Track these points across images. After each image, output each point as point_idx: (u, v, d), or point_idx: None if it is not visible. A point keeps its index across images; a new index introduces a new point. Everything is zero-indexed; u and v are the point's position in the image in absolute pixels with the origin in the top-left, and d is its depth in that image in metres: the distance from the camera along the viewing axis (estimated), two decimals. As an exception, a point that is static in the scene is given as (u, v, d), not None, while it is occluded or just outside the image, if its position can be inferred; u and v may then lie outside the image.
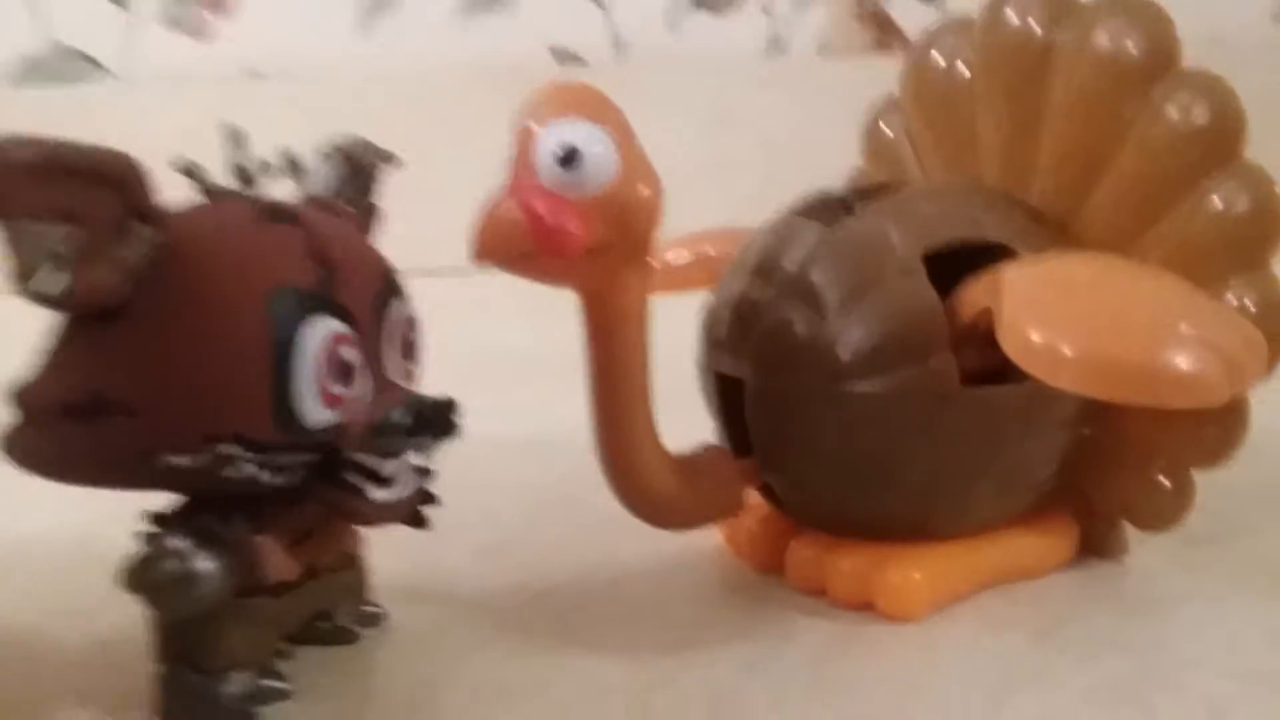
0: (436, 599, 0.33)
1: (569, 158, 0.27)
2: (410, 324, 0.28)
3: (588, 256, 0.27)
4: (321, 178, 0.30)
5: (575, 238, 0.27)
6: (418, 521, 0.29)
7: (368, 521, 0.27)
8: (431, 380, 0.29)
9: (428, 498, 0.29)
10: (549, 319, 0.29)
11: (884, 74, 0.39)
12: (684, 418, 0.32)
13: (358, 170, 0.31)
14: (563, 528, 0.38)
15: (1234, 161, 0.30)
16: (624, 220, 0.27)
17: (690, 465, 0.31)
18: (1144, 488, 0.31)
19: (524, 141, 0.27)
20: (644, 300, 0.29)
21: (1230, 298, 0.30)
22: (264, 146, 0.29)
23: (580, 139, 0.27)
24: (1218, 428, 0.30)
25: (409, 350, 0.28)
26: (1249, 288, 0.30)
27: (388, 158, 0.31)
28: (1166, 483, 0.31)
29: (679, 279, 0.41)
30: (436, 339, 0.31)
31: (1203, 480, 0.31)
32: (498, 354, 0.69)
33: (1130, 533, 0.33)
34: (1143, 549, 0.33)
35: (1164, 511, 0.31)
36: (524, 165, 0.27)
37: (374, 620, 0.31)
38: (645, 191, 0.27)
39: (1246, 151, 0.30)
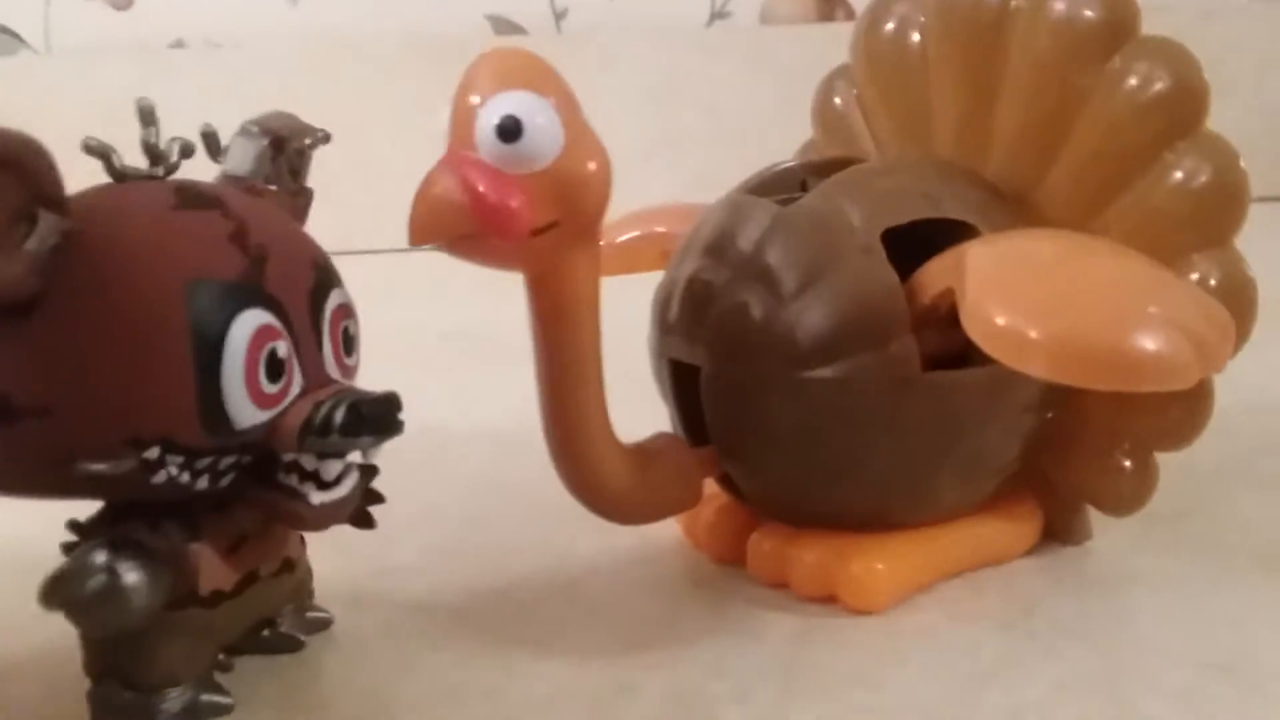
0: (383, 602, 0.32)
1: (511, 130, 0.25)
2: (347, 314, 0.26)
3: (533, 237, 0.26)
4: (244, 157, 0.27)
5: (519, 216, 0.25)
6: (364, 522, 0.27)
7: (308, 526, 0.26)
8: (372, 367, 0.28)
9: (374, 497, 0.27)
10: (497, 297, 0.27)
11: (833, 42, 0.38)
12: (637, 406, 0.31)
13: (284, 149, 0.28)
14: (516, 523, 0.37)
15: (1196, 132, 0.30)
16: (571, 197, 0.26)
17: (645, 456, 0.30)
18: (1107, 471, 0.31)
19: (462, 114, 0.26)
20: (594, 282, 0.28)
21: (1194, 275, 0.29)
22: (185, 123, 0.27)
23: (522, 110, 0.25)
24: (1182, 409, 0.29)
25: (347, 343, 0.26)
26: (1212, 264, 0.29)
27: (318, 135, 0.29)
28: (1130, 466, 0.31)
29: (629, 259, 0.39)
30: (375, 323, 0.30)
31: (1164, 457, 0.31)
32: (443, 336, 0.66)
33: (1093, 514, 0.32)
34: (1106, 530, 0.33)
35: (1128, 495, 0.31)
36: (463, 139, 0.26)
37: (320, 626, 0.30)
38: (592, 166, 0.26)
39: (1209, 121, 0.30)
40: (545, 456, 0.29)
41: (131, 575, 0.23)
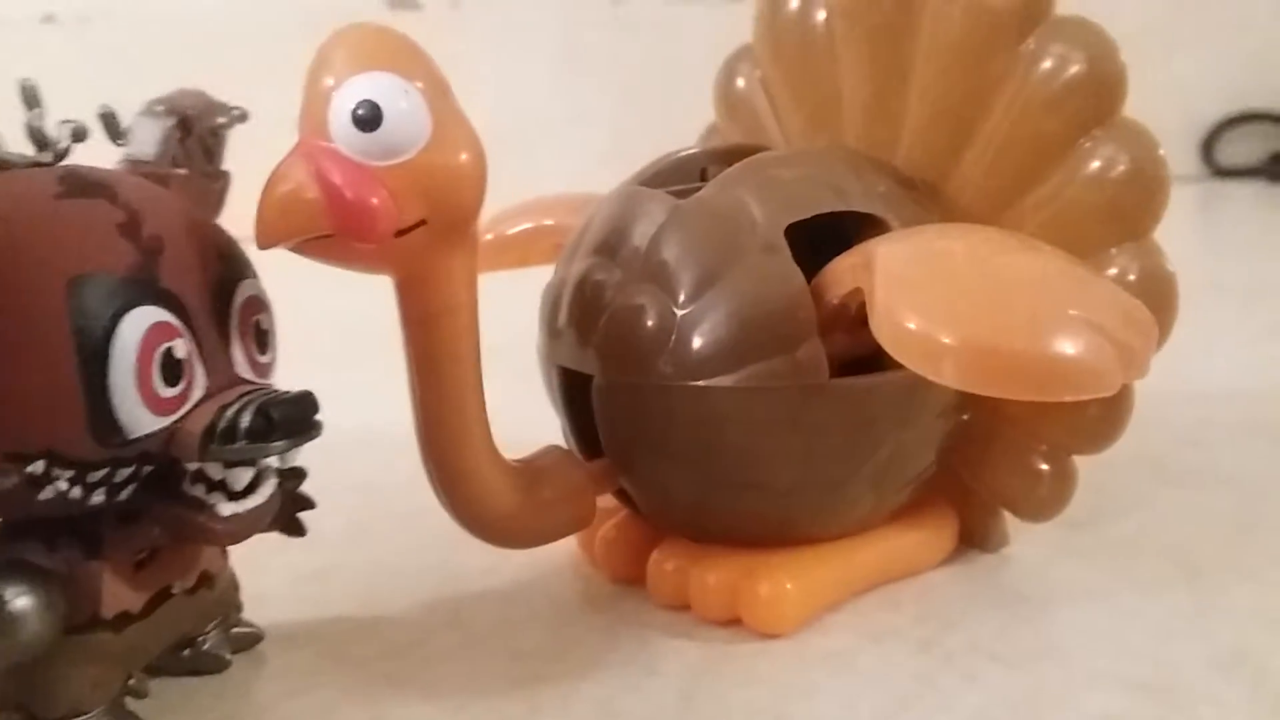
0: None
1: (369, 118, 0.22)
2: (260, 308, 0.24)
3: (398, 237, 0.23)
4: (148, 139, 0.25)
5: (380, 215, 0.22)
6: (293, 529, 0.26)
7: (219, 540, 0.24)
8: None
9: (303, 502, 0.25)
10: (375, 283, 0.25)
11: (744, 21, 0.36)
12: (524, 417, 0.29)
13: (193, 129, 0.26)
14: (397, 544, 0.34)
15: (1113, 119, 0.28)
16: (439, 193, 0.23)
17: (532, 473, 0.27)
18: (1024, 475, 0.29)
19: (315, 98, 0.23)
20: (470, 285, 0.25)
21: (1111, 270, 0.28)
22: (64, 104, 0.23)
23: (383, 95, 0.22)
24: (1101, 410, 0.28)
25: (260, 339, 0.24)
26: (1131, 258, 0.28)
27: (232, 113, 0.27)
28: (1048, 469, 0.29)
29: (519, 252, 0.37)
30: None
31: (1081, 457, 0.29)
32: (313, 330, 0.62)
33: (1010, 519, 0.31)
34: (1023, 537, 0.31)
35: (1046, 500, 0.29)
36: (316, 127, 0.23)
37: (249, 642, 0.28)
38: (464, 157, 0.23)
39: (1126, 108, 0.28)
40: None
41: (20, 601, 0.21)
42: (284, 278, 0.27)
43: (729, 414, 0.26)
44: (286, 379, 0.24)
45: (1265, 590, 0.29)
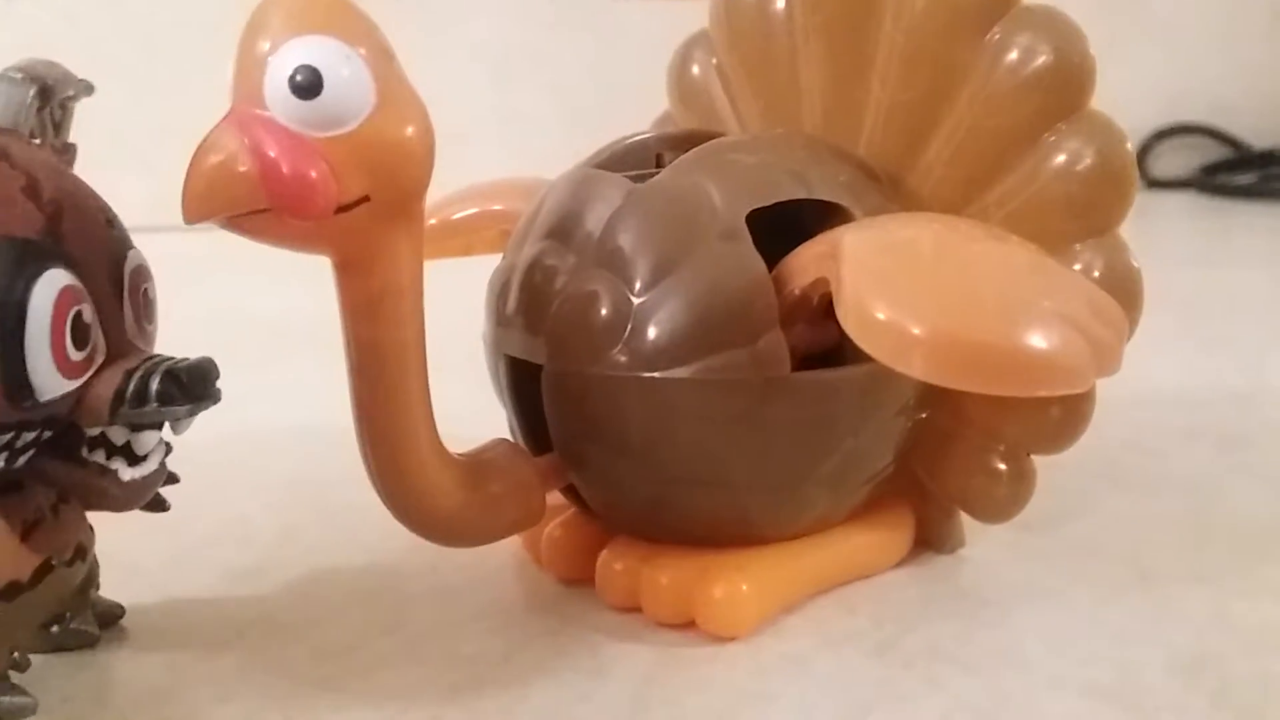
0: (172, 638, 0.27)
1: (309, 85, 0.21)
2: (146, 276, 0.24)
3: (338, 214, 0.21)
4: (4, 107, 0.23)
5: (320, 189, 0.21)
6: (157, 505, 0.25)
7: (117, 505, 0.23)
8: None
9: (168, 477, 0.24)
10: (311, 274, 0.23)
11: (692, 8, 0.35)
12: (469, 409, 0.27)
13: (50, 99, 0.24)
14: (331, 542, 0.32)
15: (1079, 113, 0.27)
16: (383, 167, 0.22)
17: (477, 468, 0.26)
18: (982, 476, 0.28)
19: (249, 63, 0.21)
20: (415, 268, 0.23)
21: (1076, 265, 0.27)
22: None
23: (323, 60, 0.21)
24: (1062, 410, 0.27)
25: (147, 307, 0.24)
26: (1096, 254, 0.27)
27: (80, 86, 0.25)
28: (1006, 469, 0.28)
29: (464, 239, 0.35)
30: (173, 309, 0.26)
31: (1038, 458, 0.29)
32: (247, 321, 0.60)
33: (967, 520, 0.30)
34: (978, 539, 0.30)
35: (1003, 501, 0.29)
36: (250, 94, 0.21)
37: (112, 618, 0.27)
38: (410, 130, 0.22)
39: (1094, 100, 0.27)
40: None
41: None
42: (211, 272, 0.26)
43: (685, 407, 0.25)
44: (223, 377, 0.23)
45: (1220, 595, 0.28)
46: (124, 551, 0.27)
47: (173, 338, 0.25)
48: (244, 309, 0.64)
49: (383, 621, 0.28)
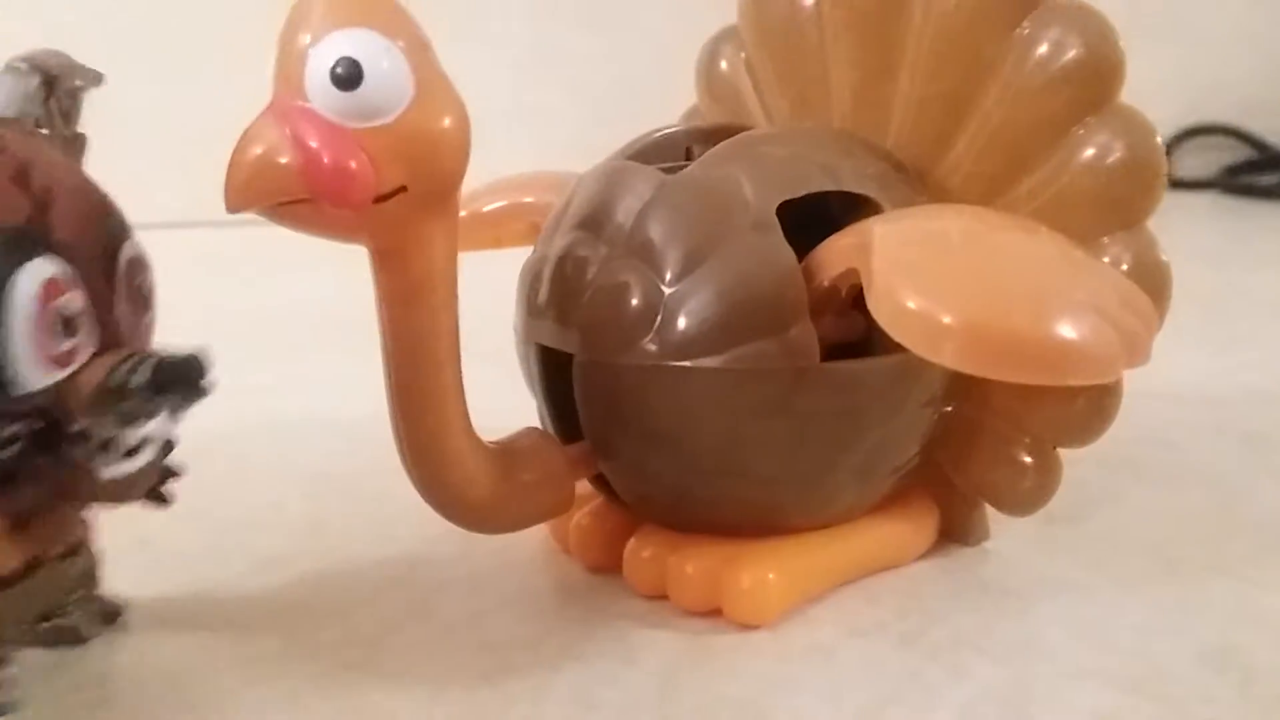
0: (205, 623, 0.27)
1: (349, 77, 0.21)
2: (143, 268, 0.23)
3: (377, 204, 0.22)
4: (11, 97, 0.23)
5: (359, 179, 0.21)
6: (158, 499, 0.24)
7: (100, 502, 0.23)
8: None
9: (169, 472, 0.24)
10: (344, 267, 0.24)
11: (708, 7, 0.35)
12: (501, 398, 0.28)
13: (56, 90, 0.24)
14: (361, 531, 0.32)
15: (1108, 106, 0.28)
16: (421, 157, 0.22)
17: (509, 455, 0.26)
18: (1008, 468, 0.29)
19: (291, 55, 0.22)
20: (450, 257, 0.24)
21: (1104, 259, 0.27)
22: None
23: (363, 52, 0.21)
24: (1088, 402, 0.27)
25: (142, 299, 0.23)
26: (1124, 247, 0.27)
27: (89, 76, 0.25)
28: (1031, 462, 0.28)
29: (494, 232, 0.35)
30: (198, 301, 0.26)
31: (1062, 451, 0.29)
32: (281, 315, 0.61)
33: (991, 512, 0.30)
34: (1004, 530, 0.31)
35: (1029, 493, 0.29)
36: (292, 86, 0.21)
37: (110, 617, 0.27)
38: (447, 121, 0.22)
39: (1123, 94, 0.28)
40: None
41: None
42: (245, 266, 0.26)
43: (715, 396, 0.25)
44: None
45: (1244, 587, 0.28)
46: (157, 538, 0.27)
47: (206, 331, 0.25)
48: (278, 302, 0.64)
49: (413, 608, 0.28)
